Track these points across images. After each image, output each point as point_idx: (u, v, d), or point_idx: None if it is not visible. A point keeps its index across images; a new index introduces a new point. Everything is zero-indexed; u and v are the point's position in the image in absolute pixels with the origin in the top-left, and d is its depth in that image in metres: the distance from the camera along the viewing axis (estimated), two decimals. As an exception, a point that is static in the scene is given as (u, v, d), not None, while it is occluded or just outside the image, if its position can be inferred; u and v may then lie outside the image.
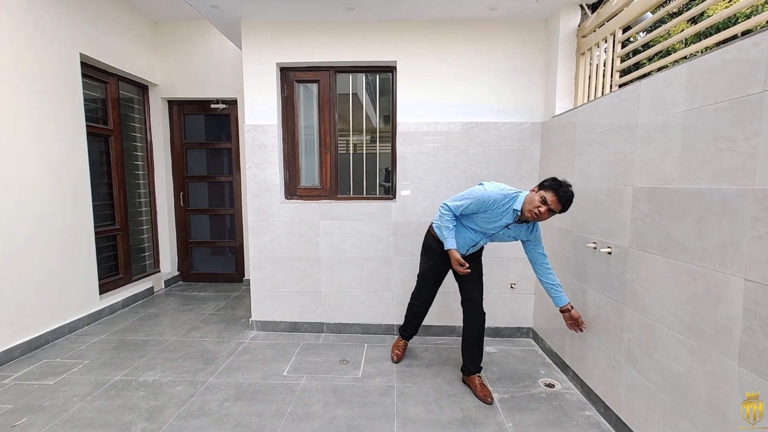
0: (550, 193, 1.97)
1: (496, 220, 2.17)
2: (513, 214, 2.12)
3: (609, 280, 2.03)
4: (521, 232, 2.23)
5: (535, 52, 2.97)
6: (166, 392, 2.32)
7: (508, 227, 2.20)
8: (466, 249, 2.37)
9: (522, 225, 2.21)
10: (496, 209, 2.14)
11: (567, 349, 2.52)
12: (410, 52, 3.01)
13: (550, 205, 1.96)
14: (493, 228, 2.22)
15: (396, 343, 2.82)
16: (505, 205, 2.12)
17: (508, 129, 3.01)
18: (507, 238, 2.28)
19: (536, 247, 2.24)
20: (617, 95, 1.99)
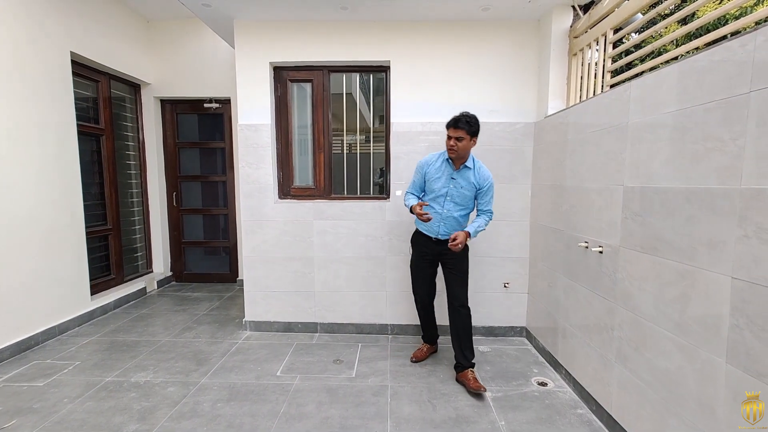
0: (449, 129, 2.33)
1: (440, 176, 2.42)
2: (446, 162, 2.42)
3: (600, 279, 2.05)
4: (468, 179, 2.40)
5: (528, 52, 2.98)
6: (159, 393, 2.30)
7: (453, 179, 2.40)
8: (441, 227, 2.43)
9: (465, 171, 2.40)
10: (433, 166, 2.45)
11: (560, 347, 2.54)
12: (404, 52, 3.01)
13: (452, 135, 2.30)
14: (443, 186, 2.41)
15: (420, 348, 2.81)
16: (438, 159, 2.46)
17: (502, 129, 3.03)
18: (462, 192, 2.40)
19: (483, 200, 2.46)
20: (608, 96, 2.00)
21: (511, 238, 3.10)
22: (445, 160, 2.43)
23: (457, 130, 2.28)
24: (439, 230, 2.45)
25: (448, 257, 2.47)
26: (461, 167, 2.40)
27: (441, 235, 2.44)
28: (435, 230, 2.46)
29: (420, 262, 2.58)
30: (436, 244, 2.48)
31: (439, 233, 2.45)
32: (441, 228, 2.44)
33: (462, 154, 2.34)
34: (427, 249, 2.52)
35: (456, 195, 2.41)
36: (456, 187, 2.40)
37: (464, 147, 2.31)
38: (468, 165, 2.40)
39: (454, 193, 2.40)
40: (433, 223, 2.44)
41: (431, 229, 2.47)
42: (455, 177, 2.40)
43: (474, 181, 2.41)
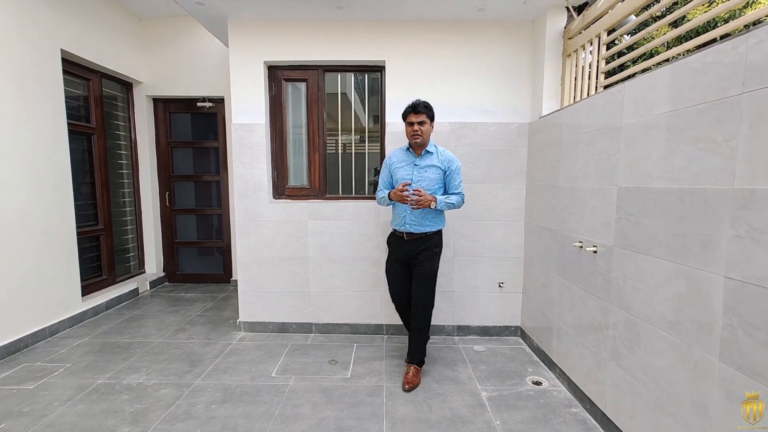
0: (408, 115, 2.36)
1: (404, 165, 2.44)
2: (408, 151, 2.46)
3: (594, 279, 2.06)
4: (432, 162, 2.40)
5: (523, 53, 2.99)
6: (151, 395, 2.28)
7: (416, 164, 2.41)
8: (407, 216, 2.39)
9: (427, 156, 2.42)
10: (398, 158, 2.48)
11: (554, 347, 2.55)
12: (399, 52, 3.01)
13: (414, 120, 2.33)
14: (408, 174, 2.41)
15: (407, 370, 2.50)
16: (401, 151, 2.49)
17: (496, 129, 3.04)
18: (427, 176, 2.38)
19: (452, 183, 2.44)
20: (602, 97, 2.02)
21: (506, 238, 3.12)
22: (406, 150, 2.46)
23: (419, 114, 2.31)
24: (406, 220, 2.40)
25: (416, 257, 2.43)
26: (423, 153, 2.42)
27: (409, 226, 2.39)
28: (402, 222, 2.41)
29: (394, 265, 2.53)
30: (407, 243, 2.44)
31: (406, 223, 2.40)
32: (408, 218, 2.39)
33: (426, 139, 2.37)
34: (398, 249, 2.49)
35: (422, 180, 2.38)
36: (420, 172, 2.39)
37: (427, 131, 2.35)
38: (430, 150, 2.42)
39: (420, 178, 2.38)
40: (400, 214, 2.42)
41: (400, 222, 2.42)
42: (418, 163, 2.41)
43: (439, 164, 2.40)
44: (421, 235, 2.41)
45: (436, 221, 2.45)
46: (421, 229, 2.40)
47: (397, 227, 2.47)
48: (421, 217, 2.39)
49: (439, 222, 2.47)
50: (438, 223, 2.46)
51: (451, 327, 3.19)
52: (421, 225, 2.40)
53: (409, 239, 2.43)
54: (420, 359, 2.50)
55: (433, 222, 2.43)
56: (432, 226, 2.43)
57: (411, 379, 2.40)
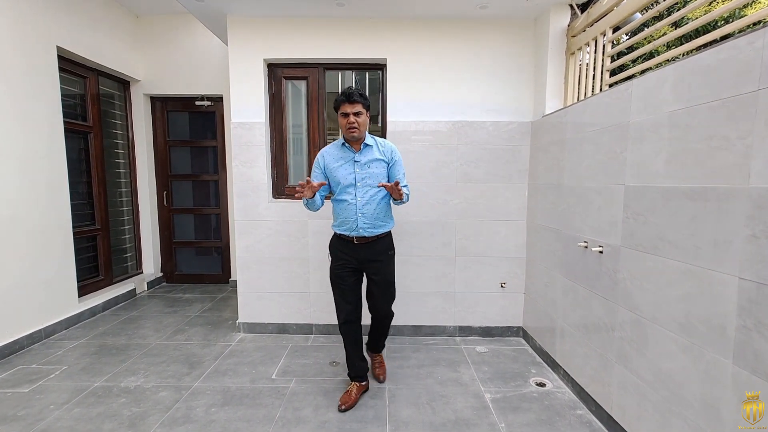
0: (342, 105, 2.08)
1: (342, 163, 2.16)
2: (344, 147, 2.19)
3: (600, 279, 2.03)
4: (374, 155, 2.16)
5: (525, 51, 2.97)
6: (149, 398, 2.23)
7: (356, 161, 2.15)
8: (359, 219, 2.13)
9: (367, 150, 2.17)
10: (333, 156, 2.19)
11: (558, 347, 2.52)
12: (400, 50, 2.97)
13: (350, 110, 2.06)
14: (349, 172, 2.14)
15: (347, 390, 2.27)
16: (335, 148, 2.21)
17: (498, 128, 3.01)
18: (372, 172, 2.15)
19: (396, 171, 2.22)
20: (608, 95, 1.99)
21: (508, 238, 3.09)
22: (341, 146, 2.18)
23: (354, 104, 2.05)
24: (358, 224, 2.13)
25: (370, 263, 2.21)
26: (363, 147, 2.16)
27: (362, 230, 2.14)
28: (354, 226, 2.14)
29: (341, 272, 2.21)
30: (359, 248, 2.18)
31: (359, 227, 2.13)
32: (360, 221, 2.13)
33: (363, 131, 2.12)
34: (347, 255, 2.20)
35: (367, 177, 2.14)
36: (363, 169, 2.14)
37: (364, 122, 2.10)
38: (368, 143, 2.17)
39: (364, 175, 2.14)
40: (350, 218, 2.14)
41: (350, 226, 2.14)
42: (359, 159, 2.15)
43: (382, 156, 2.17)
44: (374, 238, 2.19)
45: (388, 221, 2.25)
46: (375, 231, 2.17)
47: (345, 232, 2.17)
48: (374, 218, 2.16)
49: (391, 221, 2.28)
50: (390, 223, 2.27)
51: (453, 328, 3.16)
52: (374, 227, 2.16)
53: (360, 243, 2.18)
54: (382, 348, 2.58)
55: (385, 222, 2.22)
56: (385, 226, 2.22)
57: (381, 370, 2.49)
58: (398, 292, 3.11)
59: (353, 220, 2.14)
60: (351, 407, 2.16)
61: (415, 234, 3.09)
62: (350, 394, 2.22)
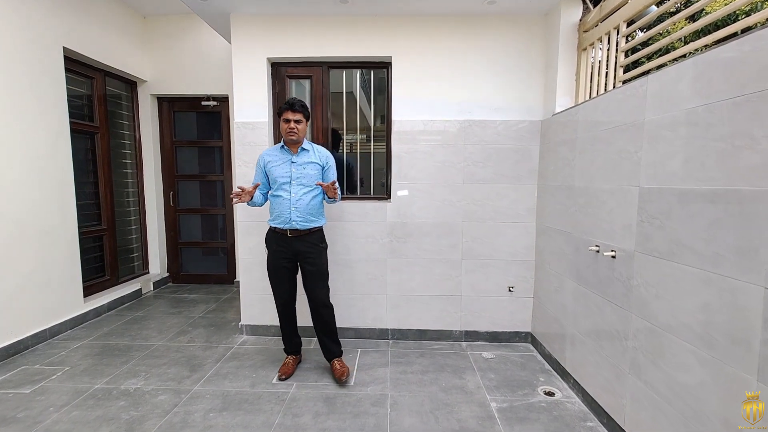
0: (285, 112, 2.35)
1: (280, 163, 2.41)
2: (283, 150, 2.44)
3: (613, 285, 1.94)
4: (309, 159, 2.42)
5: (535, 48, 2.87)
6: (149, 402, 2.21)
7: (294, 162, 2.40)
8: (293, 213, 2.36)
9: (303, 153, 2.43)
10: (273, 157, 2.44)
11: (567, 355, 2.43)
12: (406, 48, 2.90)
13: (291, 118, 2.33)
14: (286, 171, 2.39)
15: (284, 362, 2.60)
16: (275, 149, 2.47)
17: (507, 127, 2.92)
18: (307, 173, 2.40)
19: (329, 176, 2.49)
20: (622, 91, 1.89)
21: (516, 241, 2.99)
22: (281, 148, 2.44)
23: (296, 113, 2.33)
24: (291, 217, 2.36)
25: (304, 255, 2.42)
26: (299, 150, 2.42)
27: (295, 222, 2.36)
28: (287, 218, 2.36)
29: (277, 262, 2.45)
30: (292, 240, 2.40)
31: (291, 220, 2.36)
32: (293, 214, 2.36)
33: (301, 137, 2.39)
34: (282, 247, 2.42)
35: (302, 177, 2.39)
36: (299, 169, 2.39)
37: (303, 130, 2.38)
38: (305, 147, 2.44)
39: (300, 175, 2.38)
40: (284, 212, 2.37)
41: (284, 219, 2.37)
42: (295, 160, 2.40)
43: (317, 160, 2.44)
44: (306, 231, 2.41)
45: (320, 217, 2.49)
46: (307, 225, 2.40)
47: (279, 225, 2.40)
48: (307, 212, 2.39)
49: (322, 218, 2.52)
50: (321, 219, 2.50)
51: (459, 332, 3.08)
52: (306, 221, 2.39)
53: (294, 236, 2.40)
54: (340, 351, 2.58)
55: (316, 218, 2.45)
56: (316, 222, 2.45)
57: (343, 370, 2.45)
58: (402, 296, 3.07)
59: (287, 213, 2.36)
60: (290, 376, 2.51)
61: (420, 235, 3.02)
62: (288, 365, 2.55)
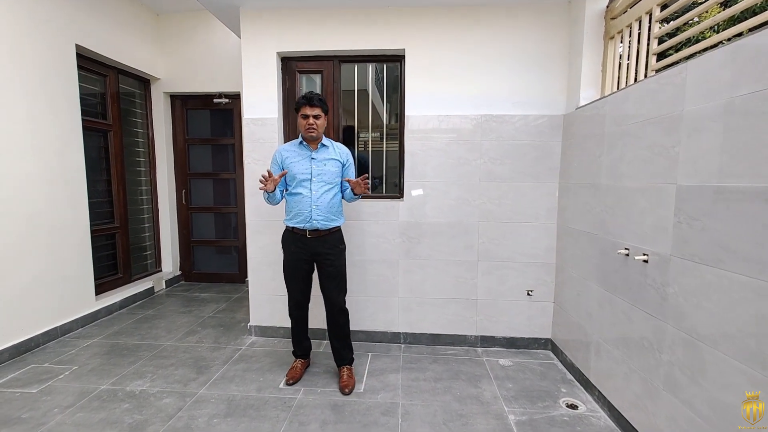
0: (302, 108, 2.22)
1: (299, 159, 2.29)
2: (302, 146, 2.31)
3: (645, 292, 1.77)
4: (330, 155, 2.31)
5: (557, 38, 2.71)
6: (153, 405, 2.15)
7: (314, 158, 2.28)
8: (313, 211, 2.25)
9: (323, 150, 2.31)
10: (291, 153, 2.31)
11: (592, 365, 2.27)
12: (419, 40, 2.78)
13: (310, 113, 2.21)
14: (306, 168, 2.27)
15: (292, 366, 2.50)
16: (293, 145, 2.34)
17: (526, 122, 2.76)
18: (328, 169, 2.29)
19: (349, 174, 2.40)
20: (656, 80, 1.73)
21: (536, 242, 2.84)
22: (299, 144, 2.32)
23: (314, 107, 2.21)
24: (311, 215, 2.24)
25: (324, 256, 2.31)
26: (319, 147, 2.31)
27: (316, 222, 2.25)
28: (307, 217, 2.25)
29: (295, 263, 2.34)
30: (311, 241, 2.29)
31: (312, 219, 2.25)
32: (314, 213, 2.25)
33: (320, 133, 2.27)
34: (300, 248, 2.31)
35: (323, 174, 2.28)
36: (319, 165, 2.28)
37: (322, 125, 2.26)
38: (325, 143, 2.33)
39: (320, 172, 2.27)
40: (304, 210, 2.25)
41: (304, 218, 2.25)
42: (315, 156, 2.29)
43: (337, 157, 2.33)
44: (326, 231, 2.30)
45: (340, 216, 2.38)
46: (328, 224, 2.29)
47: (298, 224, 2.28)
48: (328, 211, 2.28)
49: (342, 217, 2.41)
50: (341, 218, 2.39)
51: (474, 337, 2.95)
52: (327, 220, 2.28)
53: (313, 237, 2.29)
54: (351, 358, 2.48)
55: (337, 216, 2.35)
56: (337, 220, 2.35)
57: (349, 382, 2.34)
58: (416, 298, 2.95)
59: (307, 212, 2.25)
60: (298, 380, 2.41)
61: (435, 236, 2.89)
62: (296, 369, 2.45)
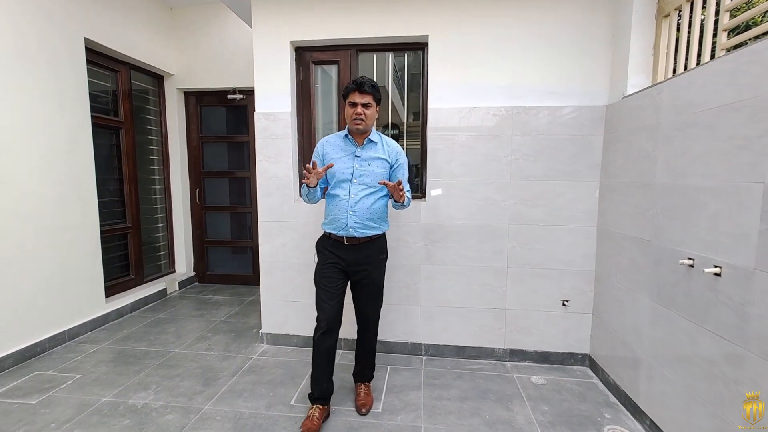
0: (351, 94, 1.92)
1: (342, 156, 1.99)
2: (346, 139, 2.02)
3: (716, 311, 1.50)
4: (377, 154, 2.00)
5: (598, 19, 2.42)
6: (154, 421, 1.99)
7: (358, 156, 1.98)
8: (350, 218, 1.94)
9: (371, 146, 2.01)
10: (333, 147, 2.03)
11: (642, 388, 1.99)
12: (444, 25, 2.54)
13: (359, 101, 1.90)
14: (348, 167, 1.97)
15: (308, 414, 1.99)
16: (337, 138, 2.05)
17: (562, 115, 2.49)
18: (372, 170, 1.97)
19: (398, 176, 2.04)
20: (735, 58, 1.45)
21: (572, 247, 2.56)
22: (344, 137, 2.02)
23: (364, 94, 1.89)
24: (348, 222, 1.94)
25: (361, 266, 2.02)
26: (366, 142, 2.00)
27: (352, 229, 1.95)
28: (343, 224, 1.95)
29: (328, 272, 2.01)
30: (348, 249, 1.99)
31: (348, 226, 1.95)
32: (350, 220, 1.94)
33: (369, 125, 1.95)
34: (337, 256, 2.01)
35: (365, 175, 1.96)
36: (363, 165, 1.97)
37: (371, 116, 1.94)
38: (373, 139, 2.01)
39: (363, 172, 1.96)
40: (340, 216, 1.96)
41: (340, 225, 1.96)
42: (360, 154, 1.98)
43: (385, 156, 2.00)
44: (365, 239, 2.00)
45: (382, 223, 2.06)
46: (366, 232, 1.98)
47: (335, 231, 1.99)
48: (366, 218, 1.97)
49: (385, 224, 2.09)
50: (384, 225, 2.08)
51: (503, 350, 2.69)
52: (365, 228, 1.98)
53: (351, 245, 1.99)
54: (372, 375, 2.28)
55: (378, 224, 2.03)
56: (377, 228, 2.03)
57: (366, 400, 2.14)
58: (438, 307, 2.72)
59: (344, 217, 1.96)
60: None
61: (460, 239, 2.65)
62: (313, 419, 1.95)
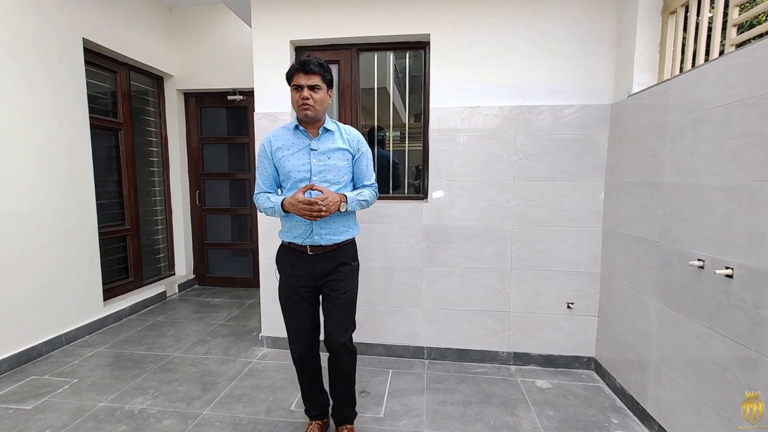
0: (295, 75, 1.61)
1: (295, 151, 1.68)
2: (297, 131, 1.70)
3: (728, 314, 1.45)
4: (335, 144, 1.70)
5: (603, 17, 2.39)
6: (152, 427, 1.95)
7: (314, 150, 1.67)
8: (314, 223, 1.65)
9: (327, 136, 1.71)
10: (284, 142, 1.70)
11: (650, 393, 1.94)
12: (446, 23, 2.51)
13: (304, 83, 1.60)
14: (303, 164, 1.66)
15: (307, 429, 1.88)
16: (285, 131, 1.73)
17: (567, 114, 2.45)
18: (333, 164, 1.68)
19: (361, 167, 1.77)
20: (748, 53, 1.41)
21: (577, 248, 2.52)
22: (294, 129, 1.70)
23: (310, 75, 1.59)
24: (312, 228, 1.66)
25: (329, 277, 1.71)
26: (321, 132, 1.69)
27: (318, 237, 1.66)
28: (306, 230, 1.66)
29: (293, 293, 1.73)
30: (314, 261, 1.69)
31: (313, 233, 1.66)
32: (315, 225, 1.65)
33: (319, 111, 1.64)
34: (301, 270, 1.71)
35: (326, 170, 1.67)
36: (322, 159, 1.67)
37: (321, 100, 1.63)
38: (329, 128, 1.71)
39: (323, 168, 1.66)
40: (301, 221, 1.65)
41: (302, 232, 1.67)
42: (316, 147, 1.67)
43: (345, 146, 1.71)
44: (333, 246, 1.71)
45: (351, 225, 1.78)
46: (334, 238, 1.69)
47: (296, 240, 1.69)
48: (333, 221, 1.68)
49: (355, 226, 1.81)
50: (353, 228, 1.80)
51: (506, 354, 2.65)
52: (334, 233, 1.69)
53: (316, 254, 1.69)
54: (354, 414, 1.90)
55: (348, 226, 1.75)
56: (347, 232, 1.75)
57: None
58: (441, 309, 2.67)
59: (306, 223, 1.66)
60: None
61: (462, 241, 2.61)
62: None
